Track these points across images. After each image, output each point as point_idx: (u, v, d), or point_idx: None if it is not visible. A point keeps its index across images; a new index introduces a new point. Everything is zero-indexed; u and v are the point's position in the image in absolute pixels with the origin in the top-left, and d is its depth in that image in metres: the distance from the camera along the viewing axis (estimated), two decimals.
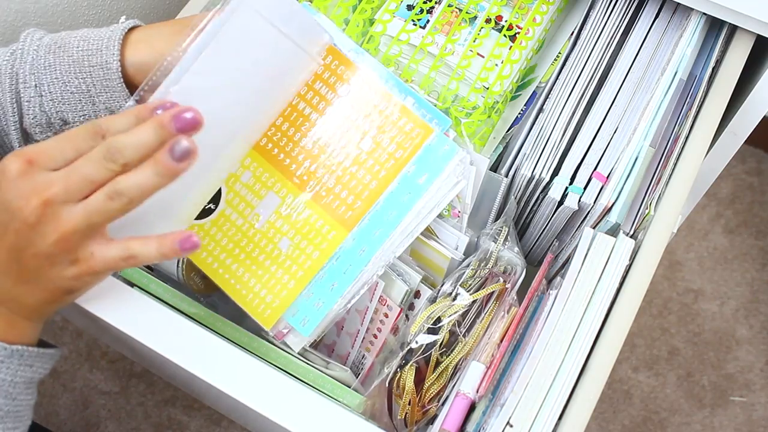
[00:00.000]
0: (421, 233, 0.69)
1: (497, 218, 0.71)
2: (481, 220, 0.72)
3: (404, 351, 0.65)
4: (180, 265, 0.69)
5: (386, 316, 0.71)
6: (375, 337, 0.74)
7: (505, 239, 0.69)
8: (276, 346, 0.63)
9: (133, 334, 0.54)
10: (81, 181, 0.46)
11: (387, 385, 0.66)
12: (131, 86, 0.59)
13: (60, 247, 0.47)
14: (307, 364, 0.64)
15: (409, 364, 0.65)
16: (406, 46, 0.73)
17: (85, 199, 0.46)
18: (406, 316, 0.71)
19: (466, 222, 0.70)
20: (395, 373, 0.66)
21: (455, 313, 0.65)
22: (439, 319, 0.65)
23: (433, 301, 0.67)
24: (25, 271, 0.48)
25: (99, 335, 1.16)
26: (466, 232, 0.70)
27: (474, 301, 0.66)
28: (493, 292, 0.67)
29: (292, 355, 0.64)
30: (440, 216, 0.70)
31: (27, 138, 0.61)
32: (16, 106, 0.59)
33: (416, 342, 0.65)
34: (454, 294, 0.66)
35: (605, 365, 0.57)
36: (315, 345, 0.76)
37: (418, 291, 0.71)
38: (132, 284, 0.69)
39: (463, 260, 0.70)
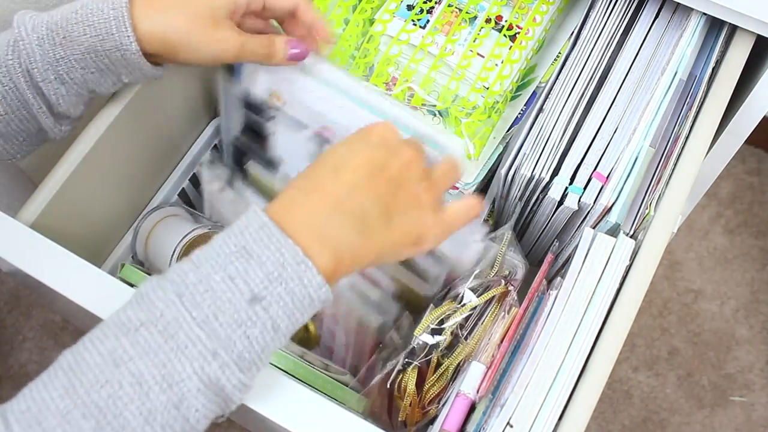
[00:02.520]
0: (404, 264, 0.69)
1: (496, 225, 0.71)
2: None
3: (407, 350, 0.65)
4: (172, 259, 0.70)
5: (364, 341, 0.71)
6: (363, 352, 0.74)
7: (509, 243, 0.69)
8: None
9: None
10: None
11: (388, 386, 0.66)
12: (149, 54, 0.59)
13: (432, 192, 0.51)
14: (308, 364, 0.64)
15: (411, 366, 0.65)
16: (406, 46, 0.73)
17: (437, 163, 0.54)
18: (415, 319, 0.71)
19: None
20: (396, 374, 0.66)
21: (460, 316, 0.65)
22: (442, 321, 0.65)
23: (439, 303, 0.67)
24: (398, 205, 0.49)
25: None
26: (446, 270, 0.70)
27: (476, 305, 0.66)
28: (495, 295, 0.67)
29: (291, 355, 0.64)
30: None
31: (59, 118, 0.61)
32: (40, 99, 0.58)
33: (419, 342, 0.65)
34: (460, 297, 0.66)
35: (605, 365, 0.57)
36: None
37: (398, 317, 0.71)
38: (132, 285, 0.69)
39: (439, 292, 0.70)
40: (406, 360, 0.65)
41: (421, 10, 0.74)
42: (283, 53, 0.63)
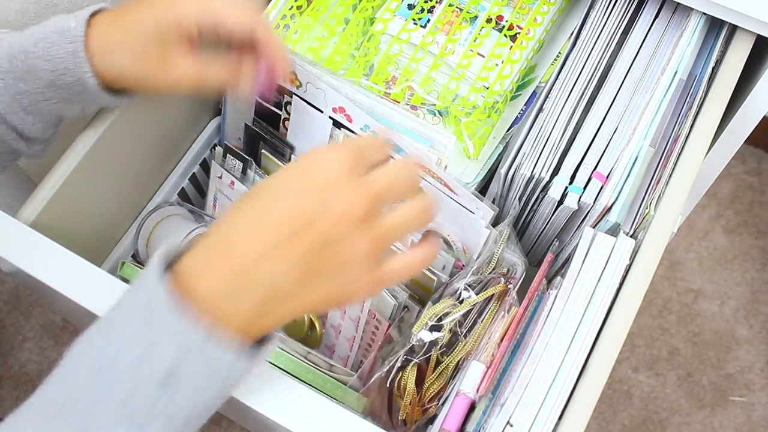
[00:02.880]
0: None
1: (495, 225, 0.71)
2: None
3: (406, 348, 0.65)
4: None
5: (377, 328, 0.72)
6: (369, 345, 0.74)
7: (507, 241, 0.69)
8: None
9: None
10: (406, 186, 0.46)
11: (388, 385, 0.66)
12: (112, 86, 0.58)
13: (372, 249, 0.45)
14: (311, 365, 0.64)
15: (411, 365, 0.65)
16: (407, 45, 0.73)
17: (402, 204, 0.46)
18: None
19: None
20: (396, 372, 0.66)
21: (458, 312, 0.65)
22: (441, 319, 0.65)
23: (437, 300, 0.67)
24: (320, 266, 0.44)
25: None
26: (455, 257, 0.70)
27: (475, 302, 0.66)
28: (494, 293, 0.67)
29: (291, 355, 0.64)
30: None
31: (31, 141, 0.61)
32: (8, 127, 0.59)
33: (419, 339, 0.65)
34: (458, 294, 0.66)
35: (605, 365, 0.57)
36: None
37: (406, 306, 0.72)
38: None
39: (449, 280, 0.70)
40: (406, 357, 0.65)
41: (422, 10, 0.74)
42: (249, 82, 0.60)
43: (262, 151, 0.75)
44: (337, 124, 0.68)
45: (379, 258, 0.46)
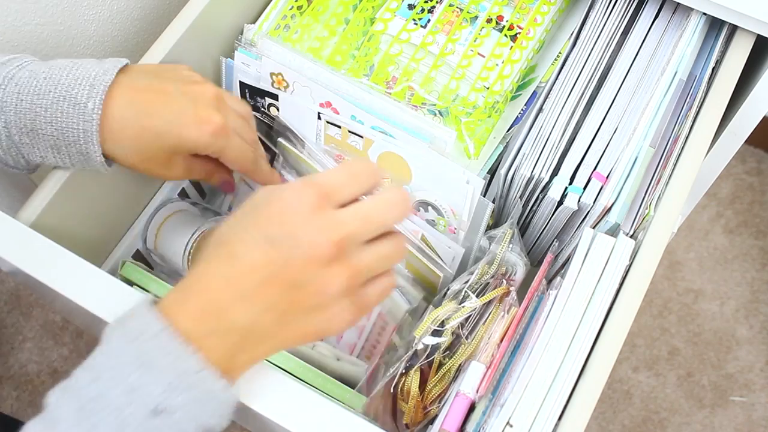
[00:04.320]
0: (418, 246, 0.69)
1: (496, 225, 0.71)
2: (468, 240, 0.72)
3: (410, 353, 0.65)
4: (185, 254, 0.70)
5: (383, 329, 0.72)
6: (374, 347, 0.74)
7: (510, 241, 0.69)
8: None
9: None
10: (378, 225, 0.45)
11: (392, 390, 0.66)
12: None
13: (346, 286, 0.44)
14: (314, 361, 0.64)
15: (414, 368, 0.65)
16: (407, 45, 0.73)
17: (373, 242, 0.46)
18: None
19: (463, 237, 0.70)
20: (399, 377, 0.66)
21: (460, 317, 0.65)
22: (443, 322, 0.65)
23: (438, 304, 0.67)
24: (295, 308, 0.44)
25: (99, 335, 1.16)
26: (462, 245, 0.70)
27: None
28: (496, 296, 0.67)
29: (293, 355, 0.64)
30: (436, 230, 0.70)
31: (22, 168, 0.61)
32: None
33: (422, 344, 0.64)
34: (461, 297, 0.66)
35: (605, 365, 0.57)
36: None
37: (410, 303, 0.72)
38: (132, 283, 0.69)
39: (455, 275, 0.70)
40: (409, 362, 0.65)
41: (422, 10, 0.74)
42: (218, 181, 0.68)
43: (279, 140, 0.76)
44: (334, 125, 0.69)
45: (354, 291, 0.45)
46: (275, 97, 0.71)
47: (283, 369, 0.64)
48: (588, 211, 0.66)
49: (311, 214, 0.43)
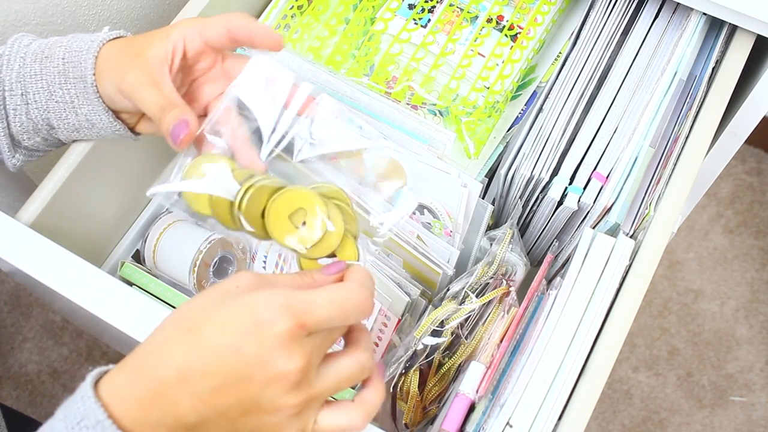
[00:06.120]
0: (414, 246, 0.69)
1: (496, 225, 0.71)
2: (467, 241, 0.72)
3: (409, 353, 0.65)
4: (192, 274, 0.69)
5: (385, 325, 0.71)
6: (376, 345, 0.74)
7: (510, 242, 0.69)
8: None
9: (132, 334, 0.54)
10: (342, 332, 0.46)
11: (391, 390, 0.66)
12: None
13: (300, 408, 0.44)
14: None
15: (413, 368, 0.65)
16: (407, 45, 0.73)
17: (336, 358, 0.46)
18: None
19: (459, 241, 0.70)
20: (399, 377, 0.66)
21: (460, 317, 0.65)
22: (443, 322, 0.65)
23: (438, 304, 0.67)
24: (246, 421, 0.43)
25: (99, 335, 1.16)
26: (459, 247, 0.70)
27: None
28: (496, 296, 0.67)
29: None
30: (431, 233, 0.70)
31: (14, 143, 0.61)
32: (3, 113, 0.59)
33: (421, 344, 0.64)
34: (461, 297, 0.66)
35: (605, 365, 0.57)
36: None
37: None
38: (131, 284, 0.69)
39: (454, 274, 0.70)
40: (408, 362, 0.65)
41: (423, 9, 0.74)
42: (168, 126, 0.56)
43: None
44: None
45: (309, 416, 0.45)
46: None
47: None
48: (588, 211, 0.66)
49: (286, 341, 0.42)
